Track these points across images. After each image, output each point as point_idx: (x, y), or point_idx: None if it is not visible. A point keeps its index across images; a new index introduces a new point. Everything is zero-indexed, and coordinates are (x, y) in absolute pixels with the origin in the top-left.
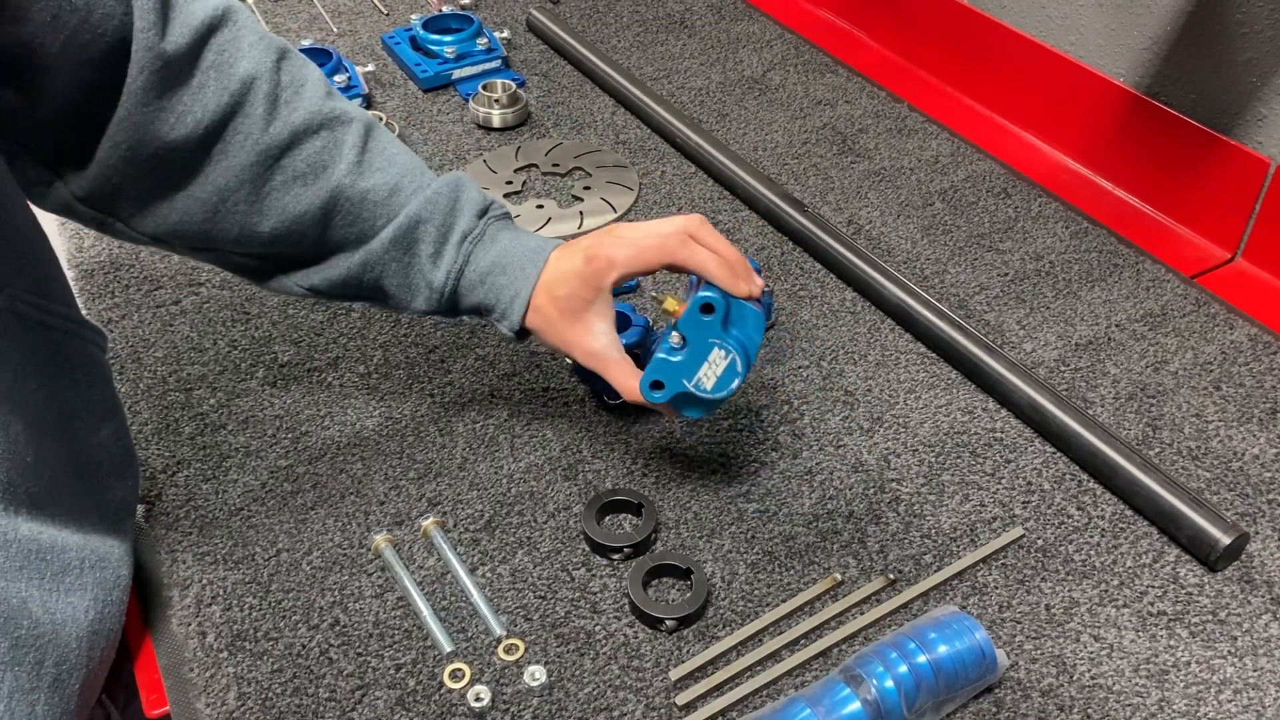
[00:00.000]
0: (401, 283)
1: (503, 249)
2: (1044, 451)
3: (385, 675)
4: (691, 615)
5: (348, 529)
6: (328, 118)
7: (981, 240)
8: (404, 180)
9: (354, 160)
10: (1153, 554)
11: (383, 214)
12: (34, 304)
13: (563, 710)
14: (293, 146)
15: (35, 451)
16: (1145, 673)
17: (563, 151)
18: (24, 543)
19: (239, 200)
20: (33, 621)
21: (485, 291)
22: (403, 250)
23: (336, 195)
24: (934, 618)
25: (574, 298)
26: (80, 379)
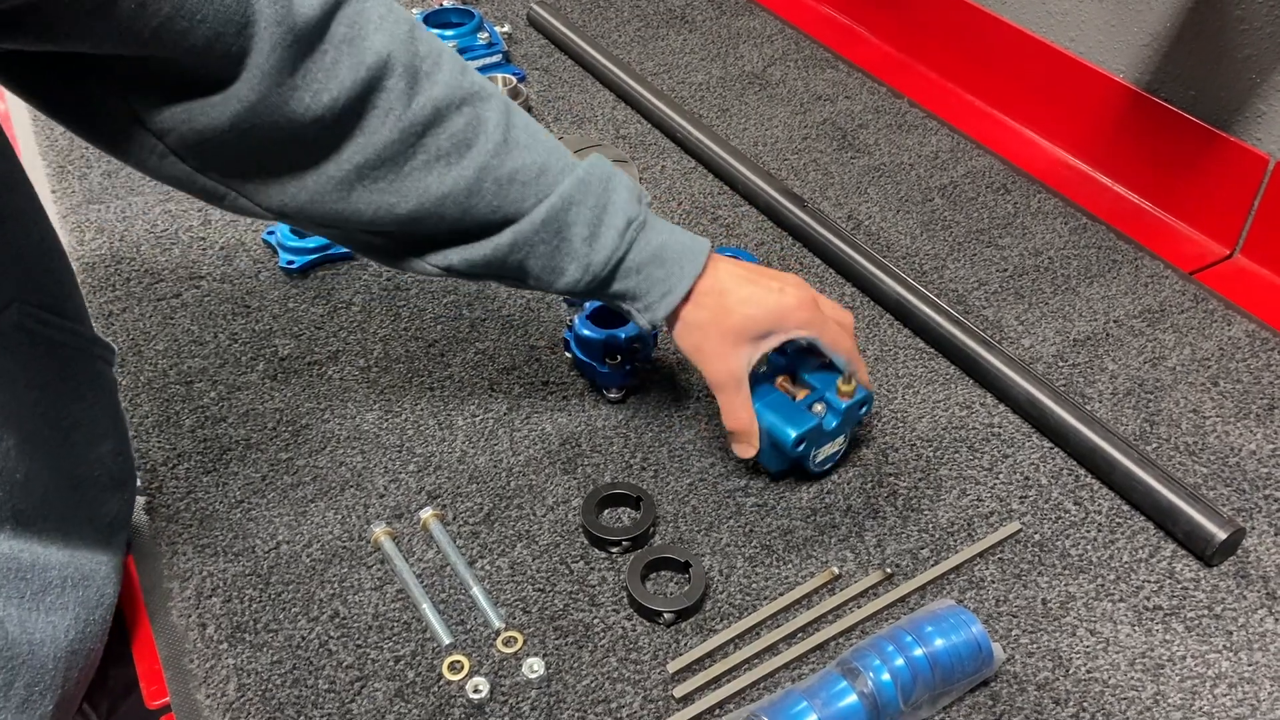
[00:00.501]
0: (548, 264)
1: (664, 241)
2: (1041, 447)
3: (384, 667)
4: (690, 608)
5: (347, 521)
6: (469, 93)
7: (980, 236)
8: (551, 159)
9: (500, 139)
10: (1149, 549)
11: (531, 194)
12: (44, 320)
13: (561, 702)
14: (436, 123)
15: (27, 469)
16: (1141, 667)
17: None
18: (3, 561)
19: (378, 179)
20: (7, 641)
21: (638, 281)
22: (554, 232)
23: (483, 174)
24: (930, 611)
25: (756, 325)
26: (85, 394)
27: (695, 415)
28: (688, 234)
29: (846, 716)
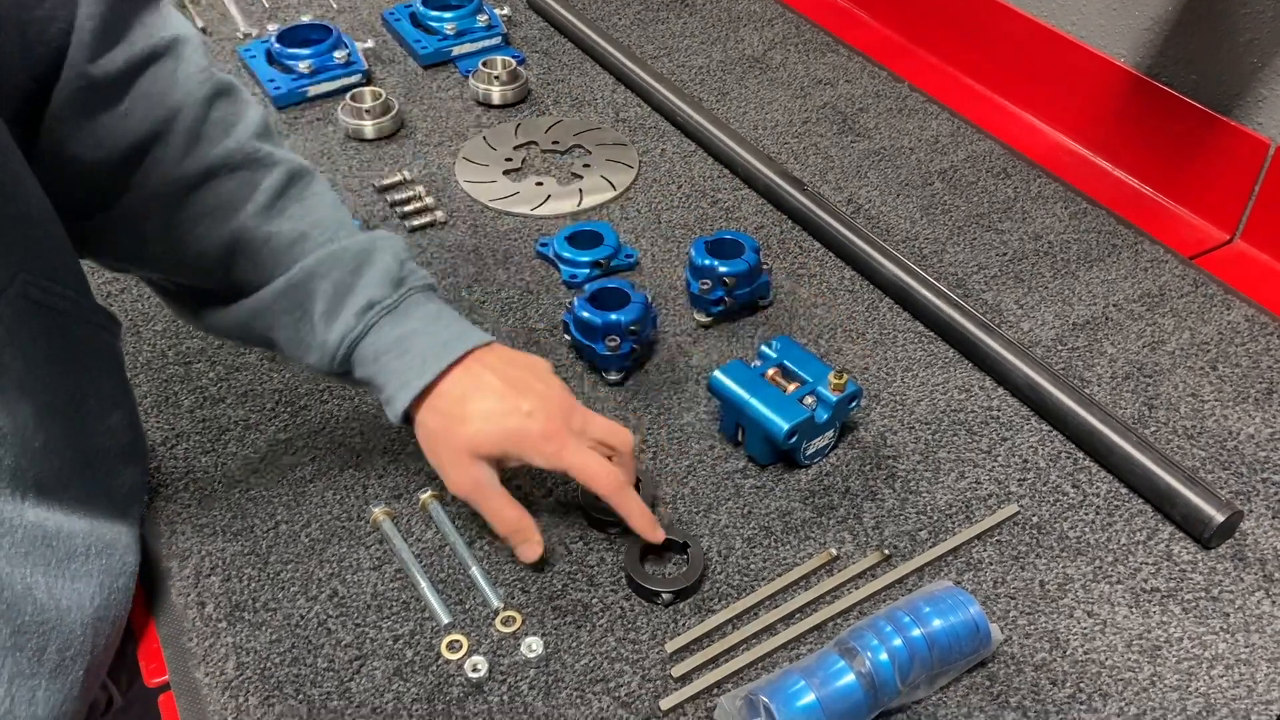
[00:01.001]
0: (292, 337)
1: (412, 330)
2: (1040, 430)
3: (383, 646)
4: (688, 588)
5: (346, 501)
6: (250, 158)
7: (980, 220)
8: (314, 231)
9: (265, 203)
10: (1147, 531)
11: (282, 261)
12: (47, 289)
13: (559, 681)
14: (206, 182)
15: (45, 438)
16: (1138, 648)
17: (562, 129)
18: (29, 529)
19: (148, 229)
20: (37, 608)
21: (376, 370)
22: (294, 303)
23: (239, 236)
24: (928, 592)
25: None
26: (91, 365)
27: (694, 398)
28: (452, 328)
29: (844, 696)
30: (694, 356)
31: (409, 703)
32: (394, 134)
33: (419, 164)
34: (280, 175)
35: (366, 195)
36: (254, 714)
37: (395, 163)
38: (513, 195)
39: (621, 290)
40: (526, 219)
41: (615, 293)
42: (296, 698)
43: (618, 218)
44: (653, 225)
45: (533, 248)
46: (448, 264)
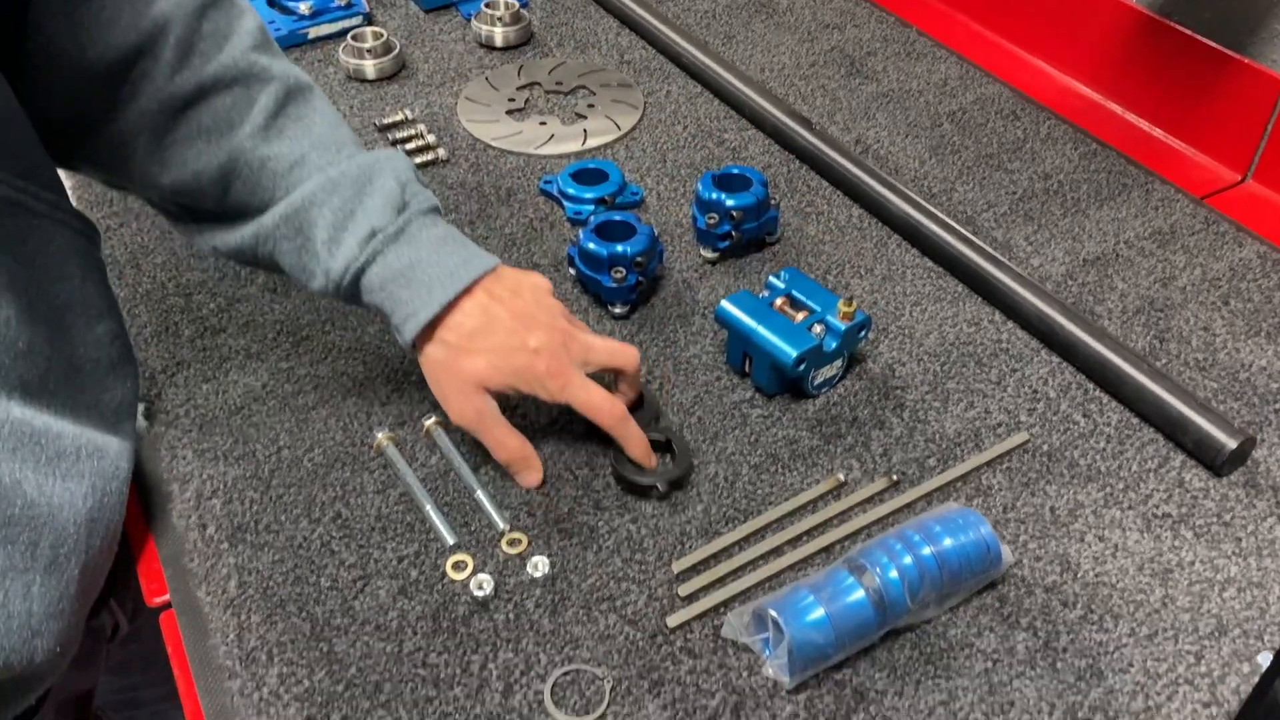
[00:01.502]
0: (295, 263)
1: (418, 259)
2: (1050, 361)
3: (387, 566)
4: (680, 478)
5: (349, 428)
6: (244, 74)
7: (990, 160)
8: (312, 153)
9: (261, 123)
10: (1158, 459)
11: (280, 186)
12: (22, 189)
13: (565, 600)
14: (200, 100)
15: (28, 340)
16: (1149, 571)
17: (566, 70)
18: (15, 424)
19: (140, 147)
20: (26, 502)
21: (383, 298)
22: (294, 230)
23: (236, 158)
24: (939, 513)
25: (496, 381)
26: (73, 273)
27: (700, 332)
28: (457, 254)
29: (853, 612)
30: (700, 292)
31: (414, 620)
32: (395, 75)
33: (420, 104)
34: (277, 91)
35: (368, 134)
36: (257, 631)
37: (397, 103)
38: (516, 134)
39: (627, 222)
40: (530, 158)
41: (621, 225)
42: (300, 615)
43: (623, 157)
44: (658, 164)
45: (536, 186)
46: (450, 201)
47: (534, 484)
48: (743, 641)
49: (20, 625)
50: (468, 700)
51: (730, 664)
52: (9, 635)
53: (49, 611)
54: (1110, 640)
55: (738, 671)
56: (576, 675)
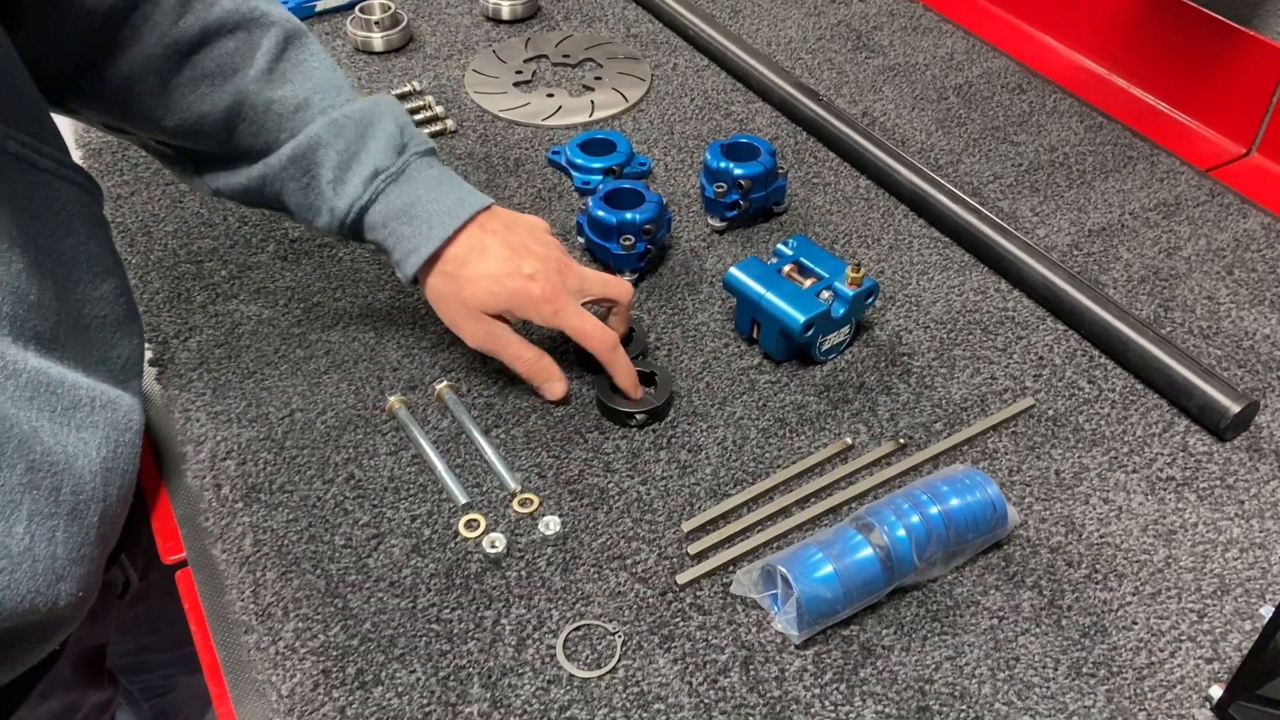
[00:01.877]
0: (301, 201)
1: (417, 197)
2: (1055, 329)
3: (401, 525)
4: (659, 409)
5: (361, 392)
6: (246, 18)
7: (996, 133)
8: (315, 97)
9: (265, 67)
10: (1162, 424)
11: (286, 128)
12: (28, 144)
13: (576, 558)
14: (204, 44)
15: (38, 293)
16: (1153, 533)
17: (573, 43)
18: (32, 374)
19: (144, 90)
20: (45, 449)
21: (385, 234)
22: (301, 170)
23: (241, 101)
24: (946, 473)
25: (491, 305)
26: (78, 229)
27: (708, 299)
28: (454, 193)
29: (861, 569)
30: (708, 260)
31: (427, 577)
32: (403, 47)
33: (428, 76)
34: (277, 36)
35: None
36: (272, 588)
37: (405, 75)
38: (523, 106)
39: (636, 190)
40: (537, 129)
41: (630, 193)
42: (314, 572)
43: (630, 129)
44: (665, 136)
45: (544, 156)
46: (459, 172)
47: (558, 394)
48: (751, 598)
49: (45, 569)
50: (481, 654)
51: (739, 620)
52: (35, 578)
53: (71, 556)
54: (1114, 598)
55: (746, 627)
56: (588, 630)
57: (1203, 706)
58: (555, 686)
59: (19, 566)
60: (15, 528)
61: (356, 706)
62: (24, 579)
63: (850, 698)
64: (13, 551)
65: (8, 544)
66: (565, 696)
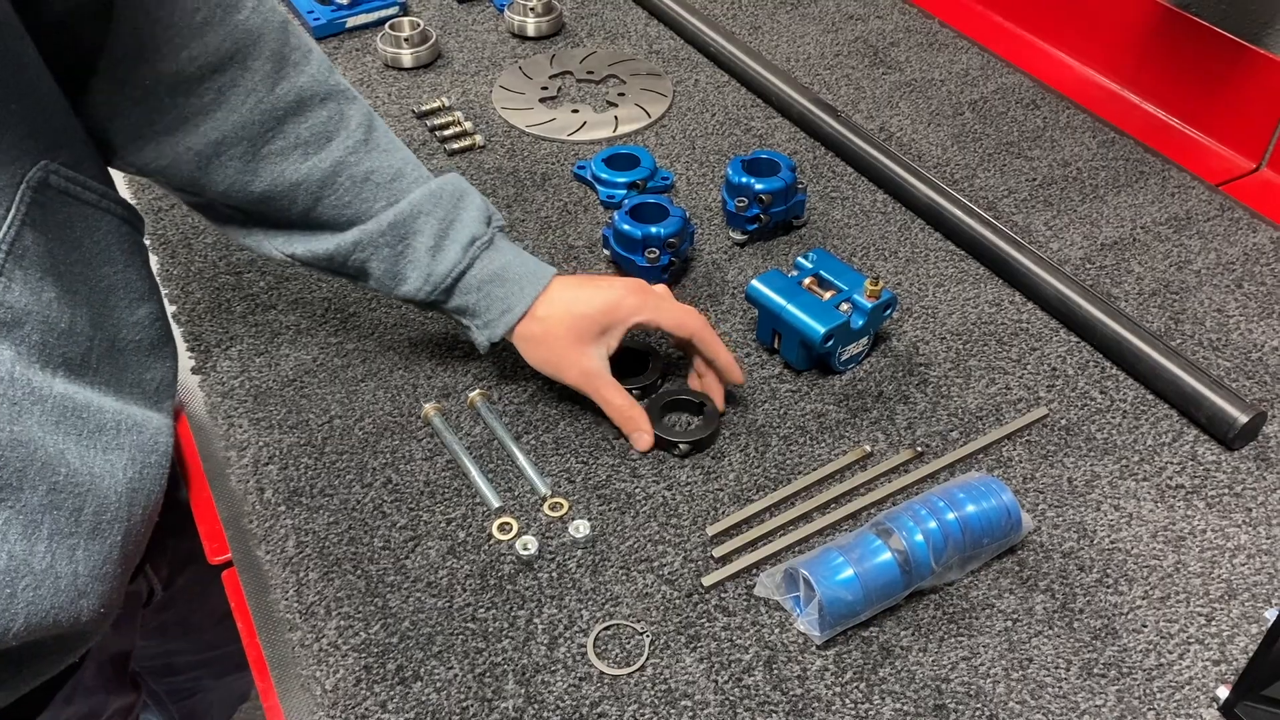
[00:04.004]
0: (390, 269)
1: (507, 262)
2: (1069, 341)
3: (436, 528)
4: (704, 440)
5: (397, 399)
6: (334, 90)
7: (1010, 148)
8: (407, 168)
9: (361, 139)
10: (1172, 434)
11: (383, 197)
12: (71, 178)
13: (605, 560)
14: (299, 112)
15: (70, 320)
16: (1163, 539)
17: (597, 60)
18: (59, 399)
19: (234, 156)
20: (70, 471)
21: (479, 298)
22: (399, 237)
23: (339, 169)
24: (963, 481)
25: (592, 323)
26: (117, 257)
27: (730, 310)
28: (533, 259)
29: (881, 572)
30: (729, 273)
31: (462, 578)
32: (431, 63)
33: (456, 92)
34: (364, 109)
35: (406, 120)
36: (315, 587)
37: (433, 90)
38: (549, 121)
39: (661, 205)
40: (563, 144)
41: (654, 207)
42: (355, 573)
43: (653, 144)
44: (687, 151)
45: (570, 170)
46: (487, 186)
47: (645, 447)
48: (774, 600)
49: (67, 585)
50: (515, 652)
51: (763, 621)
52: (57, 595)
53: (94, 574)
54: (1125, 602)
55: (770, 628)
56: (617, 630)
57: (1210, 707)
58: (586, 684)
59: (42, 583)
60: (37, 546)
61: (397, 701)
62: (47, 595)
63: (870, 696)
64: (35, 569)
65: (30, 562)
66: (596, 693)
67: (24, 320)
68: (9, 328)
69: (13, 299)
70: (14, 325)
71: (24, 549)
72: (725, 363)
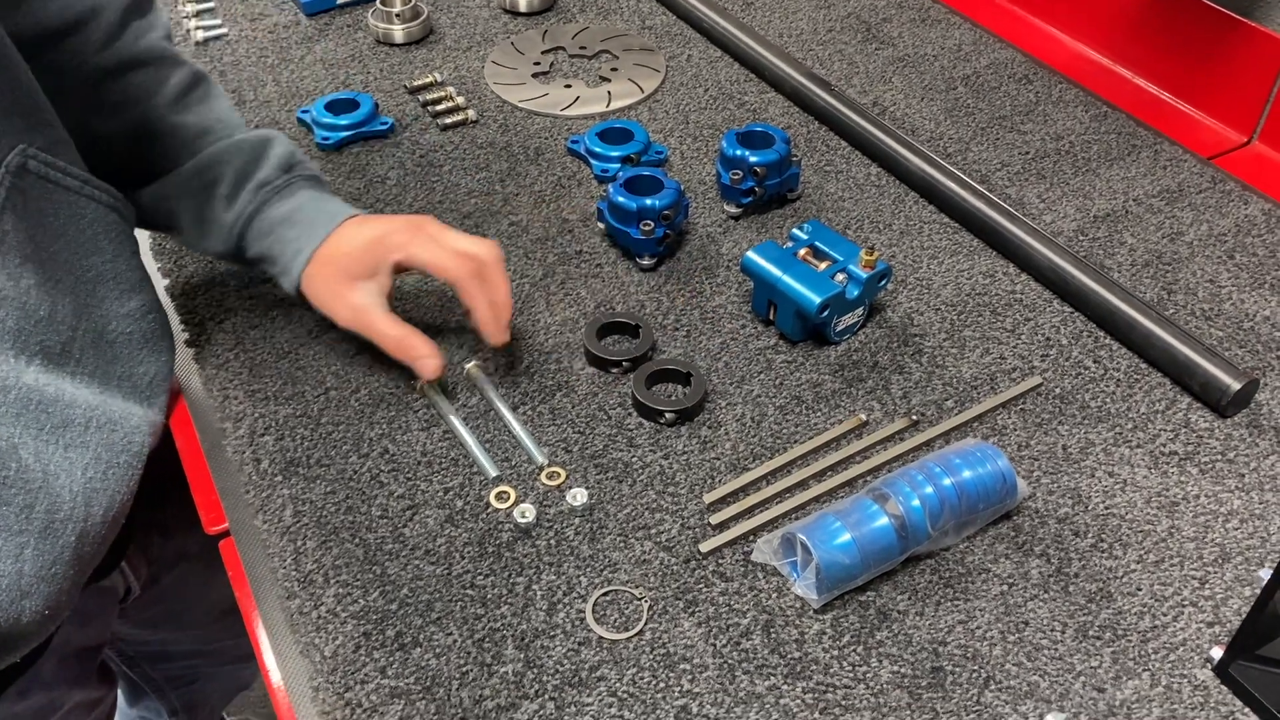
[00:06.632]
0: (195, 218)
1: (299, 205)
2: (1062, 311)
3: (434, 497)
4: (690, 409)
5: (392, 371)
6: (159, 56)
7: (1003, 122)
8: (216, 126)
9: (172, 98)
10: (1165, 402)
11: (187, 151)
12: (49, 163)
13: (603, 528)
14: (119, 75)
15: (50, 308)
16: (1156, 504)
17: (589, 35)
18: (24, 391)
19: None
20: (21, 466)
21: (271, 242)
22: (199, 188)
23: (146, 124)
24: (959, 447)
25: (356, 261)
26: (105, 247)
27: (725, 283)
28: (338, 204)
29: (877, 537)
30: (724, 245)
31: (461, 546)
32: (423, 39)
33: (449, 68)
34: (187, 74)
35: (398, 96)
36: (313, 556)
37: (425, 66)
38: (542, 96)
39: (655, 178)
40: (556, 119)
41: (649, 180)
42: (353, 541)
43: (646, 119)
44: (681, 125)
45: (563, 145)
46: (480, 160)
47: (431, 372)
48: (771, 565)
49: (9, 585)
50: (514, 618)
51: (760, 586)
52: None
53: (40, 575)
54: (1119, 566)
55: (767, 593)
56: (616, 595)
57: (1204, 667)
58: (586, 648)
59: None
60: None
61: (396, 667)
62: None
63: (867, 658)
64: None
65: None
66: (595, 657)
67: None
68: None
69: None
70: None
71: None
72: (482, 317)
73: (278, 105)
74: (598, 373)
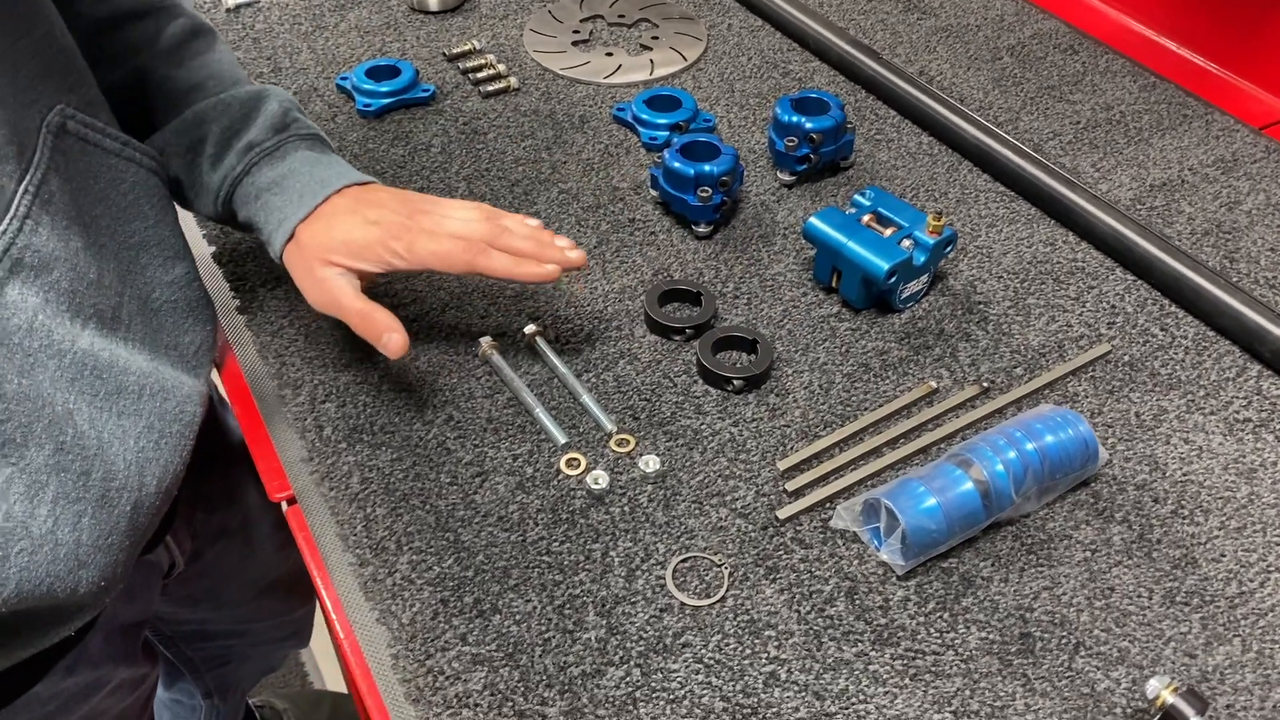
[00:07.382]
0: (188, 178)
1: (290, 170)
2: (1125, 280)
3: (503, 464)
4: (758, 376)
5: (451, 337)
6: (157, 6)
7: (1051, 91)
8: (208, 82)
9: (167, 50)
10: (1236, 369)
11: (175, 107)
12: (88, 124)
13: (677, 495)
14: (118, 26)
15: (98, 272)
16: (1235, 471)
17: (628, 3)
18: (79, 356)
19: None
20: (77, 432)
21: (257, 209)
22: (186, 147)
23: (140, 77)
24: (1038, 412)
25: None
26: (147, 213)
27: (783, 251)
28: (335, 170)
29: (964, 502)
30: (779, 213)
31: (534, 512)
32: (458, 7)
33: (486, 35)
34: (184, 25)
35: (437, 64)
36: (383, 523)
37: (461, 34)
38: (584, 65)
39: (711, 144)
40: (599, 87)
41: (705, 146)
42: (424, 508)
43: (690, 87)
44: (726, 94)
45: (608, 113)
46: (525, 128)
47: (397, 349)
48: (851, 532)
49: (68, 554)
50: (593, 584)
51: (841, 553)
52: (55, 563)
53: (97, 544)
54: (1201, 532)
55: (848, 560)
56: (695, 562)
57: None
58: (668, 614)
59: (39, 549)
60: (39, 509)
61: (477, 634)
62: (43, 563)
63: (954, 625)
64: (34, 533)
65: (29, 525)
66: (678, 624)
67: (52, 265)
68: (37, 272)
69: (40, 243)
70: (42, 270)
71: (24, 510)
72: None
73: (315, 72)
74: (659, 340)
